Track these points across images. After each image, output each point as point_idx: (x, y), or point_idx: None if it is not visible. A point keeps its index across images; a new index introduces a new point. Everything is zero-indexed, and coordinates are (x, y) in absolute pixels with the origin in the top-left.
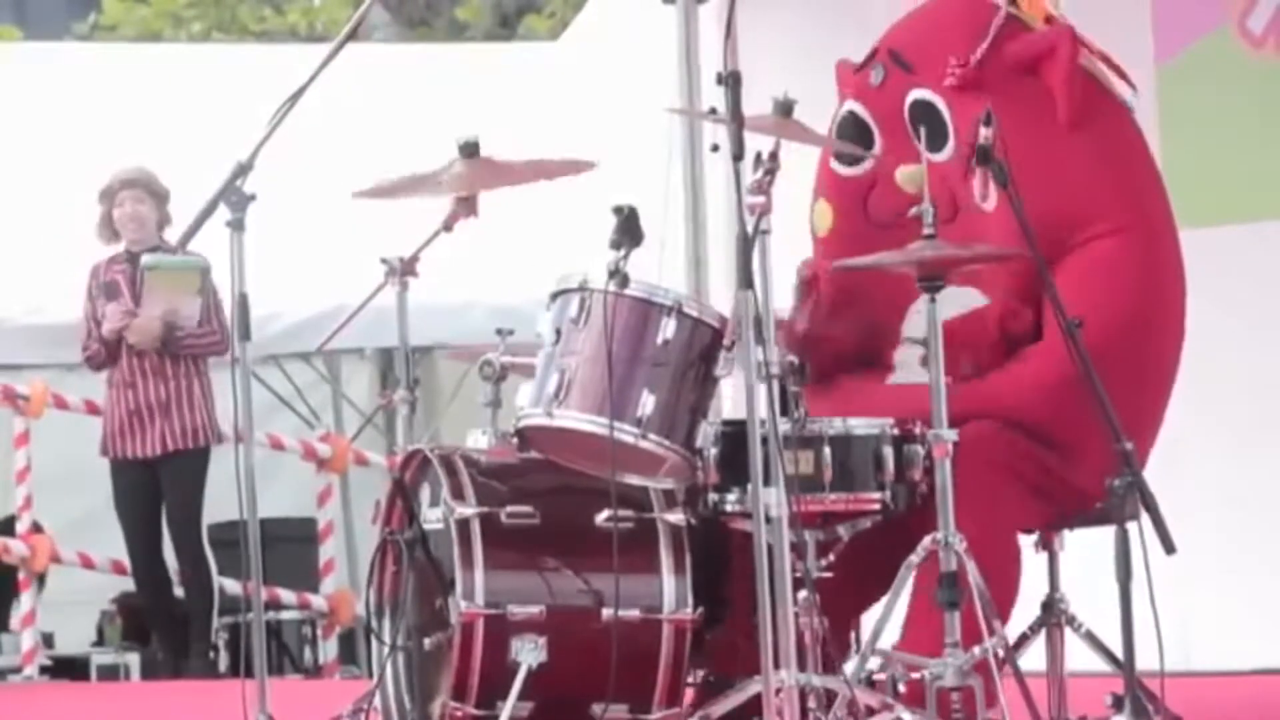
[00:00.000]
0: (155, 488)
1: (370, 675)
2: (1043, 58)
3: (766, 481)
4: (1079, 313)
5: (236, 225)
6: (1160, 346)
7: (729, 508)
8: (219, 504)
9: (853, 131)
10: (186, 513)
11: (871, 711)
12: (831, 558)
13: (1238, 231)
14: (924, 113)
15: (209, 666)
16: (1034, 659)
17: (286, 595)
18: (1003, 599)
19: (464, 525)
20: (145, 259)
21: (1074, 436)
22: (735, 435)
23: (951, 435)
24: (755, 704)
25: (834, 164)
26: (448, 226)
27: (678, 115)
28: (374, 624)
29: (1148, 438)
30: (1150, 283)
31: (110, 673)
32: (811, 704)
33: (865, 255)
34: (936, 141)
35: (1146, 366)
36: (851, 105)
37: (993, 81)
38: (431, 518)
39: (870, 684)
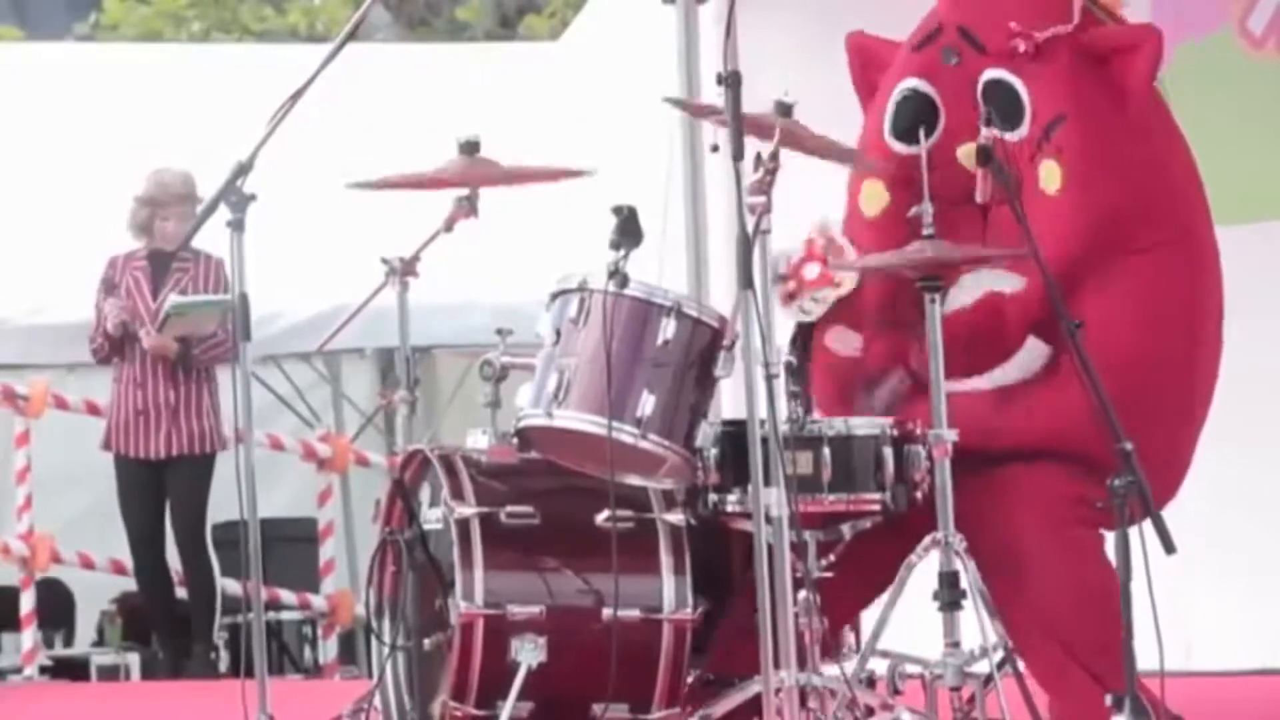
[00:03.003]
0: (160, 489)
1: (370, 675)
2: (1123, 52)
3: (767, 482)
4: (1128, 328)
5: (236, 225)
6: (1200, 364)
7: (729, 508)
8: (220, 504)
9: (917, 108)
10: (191, 516)
11: (871, 711)
12: (832, 558)
13: (1238, 232)
14: (999, 92)
15: (209, 667)
16: None
17: (286, 595)
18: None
19: (464, 525)
20: (171, 304)
21: (1108, 457)
22: (735, 435)
23: (952, 435)
24: (755, 704)
25: (890, 141)
26: (448, 226)
27: (678, 116)
28: (374, 624)
29: (1184, 456)
30: (1194, 298)
31: (110, 673)
32: (812, 704)
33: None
34: (1012, 120)
35: (1190, 384)
36: (915, 83)
37: (1065, 62)
38: (431, 518)
39: (870, 684)
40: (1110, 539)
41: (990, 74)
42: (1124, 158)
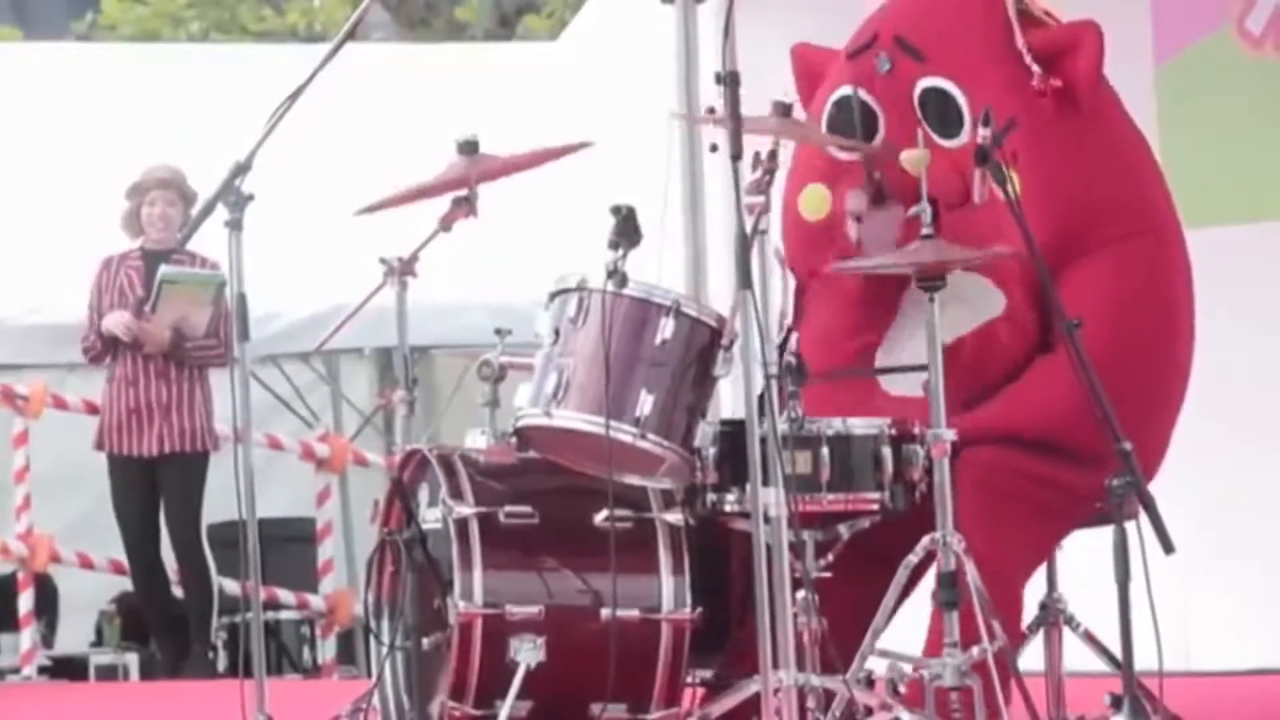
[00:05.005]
0: (153, 487)
1: (369, 675)
2: (1065, 52)
3: (765, 481)
4: (1096, 320)
5: (235, 225)
6: (1174, 352)
7: (728, 508)
8: (218, 504)
9: (854, 115)
10: (185, 515)
11: (870, 711)
12: (830, 558)
13: (1238, 232)
14: (937, 100)
15: (208, 666)
16: (1032, 659)
17: (285, 595)
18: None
19: (462, 525)
20: (164, 271)
21: (1088, 443)
22: (734, 435)
23: (950, 435)
24: (754, 704)
25: (829, 147)
26: (446, 226)
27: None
28: (372, 624)
29: (1161, 444)
30: (1163, 287)
31: (109, 673)
32: (810, 704)
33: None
34: (950, 128)
35: (1162, 373)
36: (850, 90)
37: (1010, 68)
38: (430, 518)
39: (869, 684)
40: (1105, 538)
41: (926, 82)
42: (1080, 155)
